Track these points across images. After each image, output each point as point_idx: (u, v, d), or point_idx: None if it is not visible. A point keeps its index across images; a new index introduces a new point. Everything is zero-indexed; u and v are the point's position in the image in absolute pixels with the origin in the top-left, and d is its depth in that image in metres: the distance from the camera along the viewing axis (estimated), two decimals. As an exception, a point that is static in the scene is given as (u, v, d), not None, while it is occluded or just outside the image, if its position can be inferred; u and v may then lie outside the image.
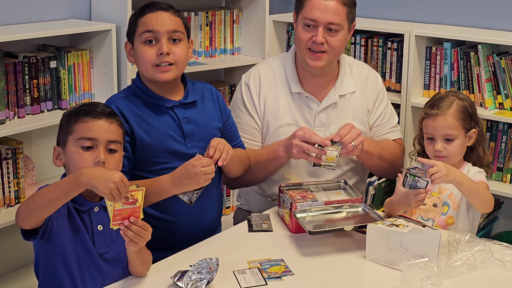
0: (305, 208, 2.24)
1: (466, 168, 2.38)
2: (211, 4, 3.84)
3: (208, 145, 2.23)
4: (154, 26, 2.24)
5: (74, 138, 1.92)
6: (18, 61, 2.91)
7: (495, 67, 3.16)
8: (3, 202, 2.91)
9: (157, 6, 2.27)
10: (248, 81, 2.63)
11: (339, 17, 2.45)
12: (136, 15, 2.30)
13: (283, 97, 2.59)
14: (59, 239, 1.87)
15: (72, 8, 3.28)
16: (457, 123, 2.34)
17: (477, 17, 3.42)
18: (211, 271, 1.89)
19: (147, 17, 2.25)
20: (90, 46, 3.19)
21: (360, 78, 2.65)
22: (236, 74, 3.87)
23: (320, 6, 2.44)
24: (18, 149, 2.94)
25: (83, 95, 3.19)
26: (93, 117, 1.94)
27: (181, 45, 2.28)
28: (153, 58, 2.24)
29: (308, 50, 2.49)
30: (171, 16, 2.27)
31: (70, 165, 1.93)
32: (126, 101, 2.27)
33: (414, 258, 1.97)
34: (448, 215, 2.34)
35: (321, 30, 2.45)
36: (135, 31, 2.28)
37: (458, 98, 2.38)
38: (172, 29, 2.25)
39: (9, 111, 2.90)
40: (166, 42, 2.24)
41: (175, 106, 2.29)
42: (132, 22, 2.31)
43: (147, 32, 2.24)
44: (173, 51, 2.25)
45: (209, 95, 2.43)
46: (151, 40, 2.24)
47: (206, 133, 2.32)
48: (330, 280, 2.00)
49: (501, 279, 2.02)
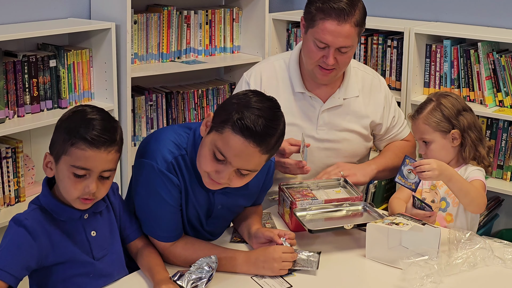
0: (305, 206, 2.24)
1: (464, 167, 2.37)
2: (211, 3, 3.84)
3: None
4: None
5: (67, 161, 1.80)
6: (18, 60, 2.91)
7: (495, 64, 3.16)
8: (3, 201, 2.92)
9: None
10: (249, 79, 2.61)
11: (351, 39, 2.39)
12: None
13: (284, 96, 2.57)
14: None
15: (71, 7, 3.28)
16: (426, 127, 2.36)
17: (477, 15, 3.43)
18: (210, 270, 1.89)
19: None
20: (89, 45, 3.20)
21: (364, 83, 2.64)
22: (236, 73, 3.87)
23: (332, 31, 2.36)
24: (18, 148, 2.94)
25: (82, 94, 3.20)
26: (92, 147, 1.79)
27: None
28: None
29: (317, 66, 2.46)
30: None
31: (59, 183, 1.85)
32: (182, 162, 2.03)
33: (414, 257, 1.96)
34: (448, 212, 2.33)
35: (332, 52, 2.39)
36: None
37: (437, 101, 2.38)
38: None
39: (9, 110, 2.91)
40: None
41: (216, 192, 2.08)
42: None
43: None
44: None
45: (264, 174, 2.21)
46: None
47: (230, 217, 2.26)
48: (330, 279, 2.00)
49: (501, 277, 2.02)
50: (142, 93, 3.49)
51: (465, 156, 2.37)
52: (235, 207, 2.19)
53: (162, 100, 3.56)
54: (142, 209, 2.04)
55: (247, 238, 2.15)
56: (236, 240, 2.20)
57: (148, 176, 1.98)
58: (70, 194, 1.83)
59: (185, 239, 2.07)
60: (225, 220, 2.24)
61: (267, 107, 1.88)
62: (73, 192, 1.82)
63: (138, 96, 3.45)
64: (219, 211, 2.13)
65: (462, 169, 2.36)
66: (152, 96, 3.52)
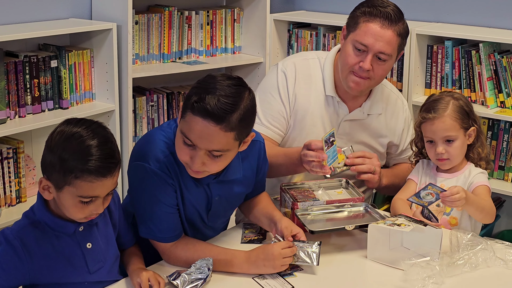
0: (307, 207, 2.24)
1: (468, 169, 2.37)
2: (212, 3, 3.84)
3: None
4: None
5: (73, 192, 1.74)
6: (19, 60, 2.92)
7: (496, 65, 3.16)
8: (4, 202, 2.93)
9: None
10: (285, 70, 2.56)
11: (391, 47, 2.37)
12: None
13: (315, 95, 2.54)
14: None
15: (72, 8, 3.29)
16: (455, 124, 2.33)
17: (478, 16, 3.43)
18: (208, 271, 1.90)
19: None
20: (90, 46, 3.20)
21: (389, 103, 2.63)
22: (237, 73, 3.87)
23: (374, 33, 2.34)
24: (19, 148, 2.95)
25: (84, 94, 3.20)
26: (99, 176, 1.74)
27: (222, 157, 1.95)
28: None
29: (351, 72, 2.42)
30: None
31: (61, 206, 1.79)
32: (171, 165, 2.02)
33: (415, 257, 1.96)
34: (452, 216, 2.33)
35: (370, 57, 2.35)
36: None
37: (453, 98, 2.37)
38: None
39: (10, 110, 2.92)
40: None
41: (210, 183, 2.08)
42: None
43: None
44: (207, 164, 1.94)
45: (255, 159, 2.20)
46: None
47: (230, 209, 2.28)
48: (332, 280, 2.00)
49: (503, 278, 2.02)
50: (143, 93, 3.49)
51: (473, 156, 2.38)
52: (233, 196, 2.18)
53: (163, 101, 3.56)
54: (140, 211, 2.04)
55: (268, 227, 2.17)
56: (246, 241, 2.20)
57: (142, 178, 1.98)
58: (76, 217, 1.80)
59: (185, 240, 2.07)
60: (226, 213, 2.25)
61: (226, 86, 1.87)
62: (79, 216, 1.80)
63: (139, 97, 3.45)
64: (218, 203, 2.13)
65: (466, 171, 2.36)
66: (153, 96, 3.52)
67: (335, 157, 2.26)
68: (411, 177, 2.44)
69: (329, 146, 2.22)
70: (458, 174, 2.35)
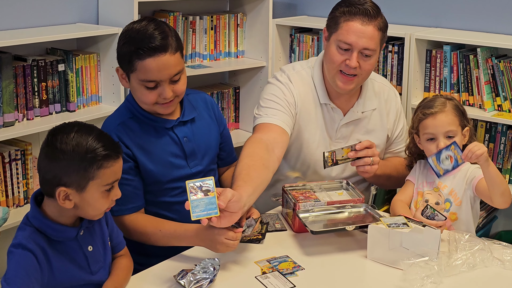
0: (308, 208, 2.25)
1: (466, 165, 2.36)
2: (215, 8, 3.87)
3: (208, 159, 2.34)
4: (156, 76, 2.14)
5: (99, 184, 1.81)
6: (27, 64, 2.94)
7: (493, 69, 3.18)
8: (12, 202, 2.95)
9: (154, 48, 2.12)
10: (290, 75, 2.57)
11: (374, 42, 2.40)
12: (131, 53, 2.14)
13: (313, 107, 2.57)
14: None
15: (80, 13, 3.31)
16: (455, 119, 2.35)
17: (476, 21, 3.45)
18: (214, 271, 1.92)
19: (147, 63, 2.12)
20: (97, 50, 3.22)
21: (381, 96, 2.65)
22: (240, 77, 3.90)
23: (356, 31, 2.38)
24: (27, 150, 2.97)
25: (90, 97, 3.23)
26: (116, 159, 1.85)
27: (182, 79, 2.22)
28: (154, 99, 2.18)
29: (339, 72, 2.45)
30: (170, 58, 2.14)
31: (87, 207, 1.84)
32: (125, 128, 2.22)
33: (414, 257, 1.97)
34: (451, 212, 2.35)
35: (355, 54, 2.39)
36: (131, 69, 2.16)
37: (447, 99, 2.40)
38: (174, 73, 2.16)
39: (18, 113, 2.94)
40: (168, 87, 2.17)
41: (174, 126, 2.26)
42: (126, 57, 2.17)
43: (149, 81, 2.15)
44: (175, 90, 2.19)
45: (204, 105, 2.40)
46: (152, 86, 2.17)
47: (207, 149, 2.35)
48: (332, 280, 2.02)
49: (500, 278, 2.04)
50: (148, 96, 3.52)
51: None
52: (201, 136, 2.33)
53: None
54: None
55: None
56: (245, 240, 2.20)
57: None
58: (102, 209, 1.88)
59: (148, 215, 2.24)
60: (204, 154, 2.34)
61: (146, 23, 2.15)
62: (104, 207, 1.89)
63: (144, 100, 3.48)
64: (189, 144, 2.28)
65: (463, 168, 2.35)
66: (158, 99, 3.55)
67: (214, 209, 1.91)
68: (409, 178, 2.47)
69: (198, 194, 1.92)
70: (455, 171, 2.35)
